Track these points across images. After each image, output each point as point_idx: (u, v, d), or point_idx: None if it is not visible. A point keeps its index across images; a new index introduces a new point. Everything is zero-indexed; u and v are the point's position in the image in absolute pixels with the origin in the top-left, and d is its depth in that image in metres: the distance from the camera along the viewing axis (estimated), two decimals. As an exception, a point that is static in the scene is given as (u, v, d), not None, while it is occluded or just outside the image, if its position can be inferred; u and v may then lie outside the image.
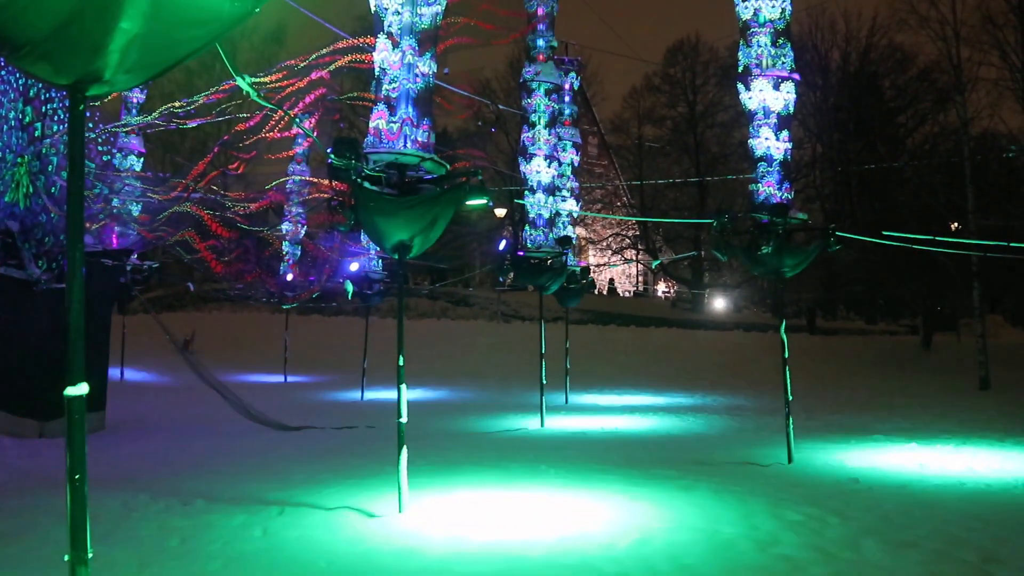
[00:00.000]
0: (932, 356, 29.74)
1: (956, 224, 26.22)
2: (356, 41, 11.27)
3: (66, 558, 3.31)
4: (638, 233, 50.47)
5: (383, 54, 7.68)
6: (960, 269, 24.26)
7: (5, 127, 11.57)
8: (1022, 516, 7.42)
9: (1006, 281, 30.40)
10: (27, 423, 11.35)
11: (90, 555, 3.33)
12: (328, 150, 7.47)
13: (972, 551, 6.15)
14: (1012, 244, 19.32)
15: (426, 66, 7.86)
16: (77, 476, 3.23)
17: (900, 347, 32.12)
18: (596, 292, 46.37)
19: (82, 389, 3.24)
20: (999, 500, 8.12)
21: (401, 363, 7.60)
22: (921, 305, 31.52)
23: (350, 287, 16.82)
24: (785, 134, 10.51)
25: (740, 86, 10.66)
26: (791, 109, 10.59)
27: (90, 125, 13.24)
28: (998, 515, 7.40)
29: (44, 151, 11.80)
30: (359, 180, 7.34)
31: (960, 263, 23.91)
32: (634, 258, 52.40)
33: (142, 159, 18.96)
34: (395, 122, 7.51)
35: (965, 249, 21.15)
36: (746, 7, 10.49)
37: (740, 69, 10.68)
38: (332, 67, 11.58)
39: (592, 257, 51.07)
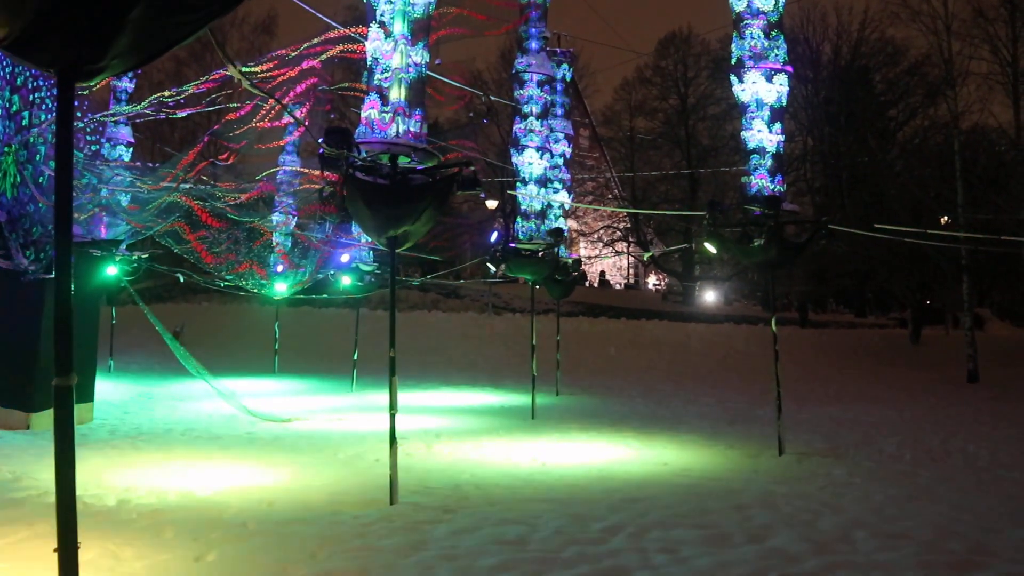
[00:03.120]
0: (921, 349, 29.89)
1: (946, 218, 26.31)
2: (348, 31, 11.19)
3: (55, 550, 3.27)
4: (629, 225, 50.47)
5: (375, 43, 7.62)
6: (949, 263, 24.36)
7: (-8, 116, 11.44)
8: (1011, 508, 7.47)
9: (995, 275, 30.55)
10: (15, 415, 11.24)
11: (79, 547, 3.29)
12: (320, 140, 7.41)
13: (962, 542, 6.18)
14: (1001, 237, 19.43)
15: (418, 56, 7.81)
16: (65, 468, 3.18)
17: (889, 340, 32.26)
18: (587, 284, 46.39)
19: (70, 380, 3.19)
20: (988, 492, 8.16)
21: (393, 355, 7.56)
22: (910, 298, 31.64)
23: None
24: (778, 126, 10.52)
25: (733, 78, 10.65)
26: (784, 101, 10.59)
27: (79, 115, 13.11)
28: (988, 507, 7.44)
29: (32, 140, 11.67)
30: (350, 170, 7.29)
31: (949, 257, 24.01)
32: (625, 250, 52.42)
33: (131, 149, 18.82)
34: (387, 112, 7.45)
35: (955, 243, 21.25)
36: (739, -1, 10.47)
37: (733, 61, 10.67)
38: (323, 57, 11.49)
39: (583, 249, 51.04)
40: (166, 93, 12.33)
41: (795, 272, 36.88)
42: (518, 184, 14.84)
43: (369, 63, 7.71)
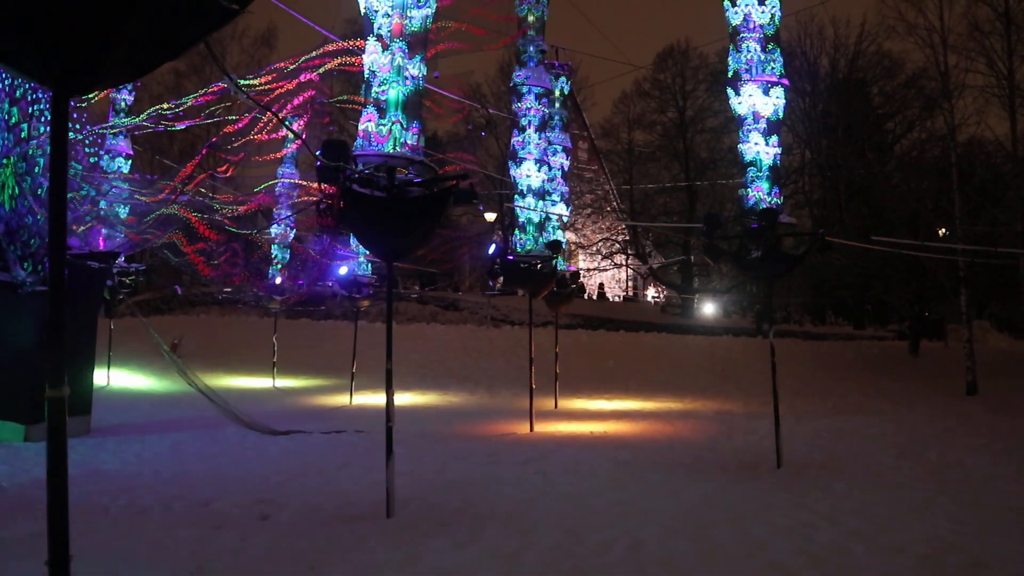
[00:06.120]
0: (920, 361, 29.85)
1: (944, 230, 26.36)
2: (346, 44, 11.25)
3: (46, 563, 3.26)
4: (628, 238, 50.56)
5: (373, 56, 7.66)
6: (947, 274, 24.38)
7: (-9, 128, 11.46)
8: (1011, 521, 7.44)
9: (993, 286, 30.57)
10: (11, 427, 11.23)
11: (70, 560, 3.27)
12: (317, 152, 7.43)
13: (961, 556, 6.16)
14: (999, 249, 19.48)
15: (416, 69, 7.84)
16: (57, 480, 3.17)
17: (888, 352, 32.24)
18: (585, 297, 46.38)
19: (63, 391, 3.18)
20: (988, 505, 8.14)
21: (390, 367, 7.56)
22: (909, 310, 31.64)
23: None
24: (775, 139, 10.54)
25: (730, 91, 10.69)
26: (780, 114, 10.63)
27: (77, 127, 13.14)
28: (987, 520, 7.42)
29: (31, 152, 11.69)
30: (348, 183, 7.30)
31: (947, 268, 24.03)
32: (624, 263, 52.48)
33: (130, 161, 18.88)
34: (384, 125, 7.48)
35: (952, 254, 21.28)
36: (736, 12, 10.52)
37: (730, 74, 10.71)
38: (321, 70, 11.55)
39: (582, 262, 51.09)
40: (165, 105, 12.39)
41: (793, 284, 36.93)
42: (516, 197, 14.86)
43: (367, 76, 7.75)
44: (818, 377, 25.07)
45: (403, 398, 17.89)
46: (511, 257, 14.77)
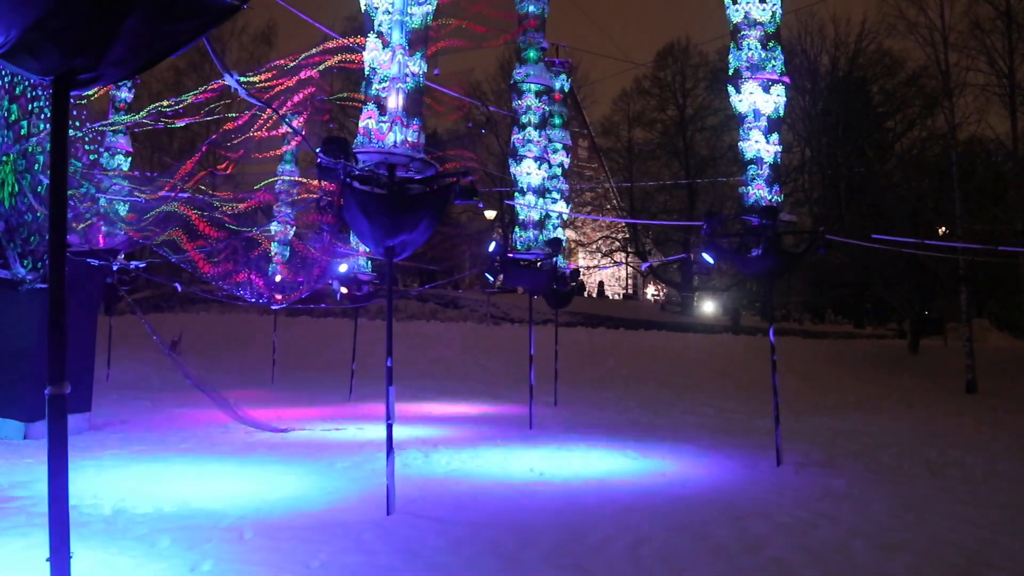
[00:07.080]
0: (919, 360, 29.86)
1: (944, 228, 26.38)
2: (346, 41, 11.22)
3: (47, 560, 3.26)
4: (628, 236, 50.55)
5: (373, 53, 7.65)
6: (947, 273, 24.39)
7: (-10, 125, 11.44)
8: (1009, 518, 7.45)
9: (993, 285, 30.59)
10: (11, 424, 11.23)
11: (71, 557, 3.27)
12: (317, 150, 7.42)
13: (960, 553, 6.16)
14: (999, 248, 19.48)
15: (416, 66, 7.83)
16: (58, 477, 3.17)
17: (888, 351, 32.25)
18: (585, 295, 46.39)
19: (64, 388, 3.18)
20: (986, 502, 8.15)
21: (389, 364, 7.56)
22: (908, 309, 31.66)
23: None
24: (775, 137, 10.53)
25: (731, 89, 10.68)
26: (781, 112, 10.62)
27: (77, 124, 13.13)
28: (985, 517, 7.42)
29: (30, 149, 11.67)
30: (348, 180, 7.29)
31: (947, 267, 24.04)
32: (624, 261, 52.47)
33: (130, 158, 18.84)
34: (385, 121, 7.47)
35: (953, 253, 21.29)
36: (736, 10, 10.51)
37: (731, 72, 10.70)
38: (321, 67, 11.52)
39: (582, 259, 51.09)
40: (164, 103, 12.35)
41: (793, 282, 36.92)
42: (516, 194, 14.85)
43: (367, 73, 7.74)
44: (818, 375, 25.08)
45: (403, 395, 17.89)
46: (511, 255, 14.77)
